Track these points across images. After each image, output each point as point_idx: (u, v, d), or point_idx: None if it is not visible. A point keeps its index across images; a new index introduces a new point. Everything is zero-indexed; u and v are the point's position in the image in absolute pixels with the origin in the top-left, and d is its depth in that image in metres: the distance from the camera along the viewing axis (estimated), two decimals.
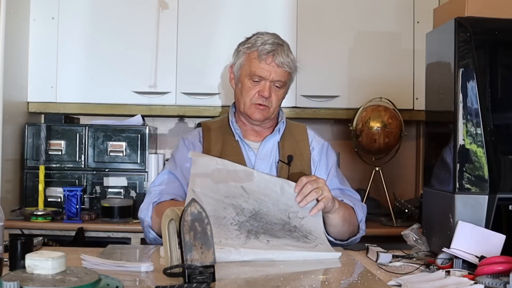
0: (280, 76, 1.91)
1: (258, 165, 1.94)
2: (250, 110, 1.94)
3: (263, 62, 1.89)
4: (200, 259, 1.25)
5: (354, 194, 2.01)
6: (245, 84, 1.94)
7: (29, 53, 2.93)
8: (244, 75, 1.94)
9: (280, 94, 1.95)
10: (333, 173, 2.00)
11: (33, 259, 1.11)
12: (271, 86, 1.91)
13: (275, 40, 1.92)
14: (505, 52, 1.63)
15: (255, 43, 1.92)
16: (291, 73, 1.95)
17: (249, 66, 1.92)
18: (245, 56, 1.94)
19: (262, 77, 1.90)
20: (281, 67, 1.90)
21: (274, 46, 1.90)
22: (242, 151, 1.95)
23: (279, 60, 1.89)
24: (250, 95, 1.92)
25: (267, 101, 1.92)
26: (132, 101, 2.94)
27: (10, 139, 2.76)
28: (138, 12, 2.93)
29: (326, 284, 1.33)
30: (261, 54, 1.89)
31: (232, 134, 1.98)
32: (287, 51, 1.92)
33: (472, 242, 1.49)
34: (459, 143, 1.55)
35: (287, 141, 1.99)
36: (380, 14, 2.97)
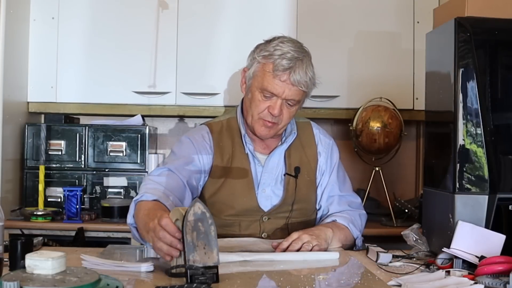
0: (294, 95, 1.77)
1: (264, 178, 1.88)
2: (257, 125, 1.82)
3: (278, 78, 1.74)
4: (202, 259, 1.25)
5: (355, 199, 1.99)
6: (255, 96, 1.80)
7: (29, 53, 2.93)
8: (256, 87, 1.79)
9: (293, 111, 1.81)
10: (333, 178, 1.96)
11: (33, 259, 1.11)
12: (283, 103, 1.77)
13: (294, 54, 1.75)
14: (505, 52, 1.63)
15: (273, 53, 1.76)
16: (307, 92, 1.81)
17: (262, 79, 1.77)
18: (259, 66, 1.78)
19: (274, 94, 1.76)
20: (297, 86, 1.75)
21: (292, 62, 1.73)
22: (250, 165, 1.87)
23: (295, 79, 1.73)
24: (259, 110, 1.79)
25: (277, 118, 1.79)
26: (132, 101, 2.94)
27: (10, 139, 2.76)
28: (138, 12, 2.93)
29: (326, 284, 1.33)
30: (277, 69, 1.73)
31: (242, 146, 1.88)
32: (306, 67, 1.76)
33: (472, 242, 1.49)
34: (459, 143, 1.55)
35: (293, 148, 1.92)
36: (380, 14, 2.97)
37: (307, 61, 1.78)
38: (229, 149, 1.88)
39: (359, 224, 1.91)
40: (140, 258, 1.66)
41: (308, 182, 1.93)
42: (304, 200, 1.91)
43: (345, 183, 2.01)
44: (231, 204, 1.86)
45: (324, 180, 1.96)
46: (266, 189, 1.88)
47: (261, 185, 1.88)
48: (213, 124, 1.95)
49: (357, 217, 1.91)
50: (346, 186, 2.00)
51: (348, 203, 1.95)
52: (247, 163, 1.88)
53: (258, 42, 1.91)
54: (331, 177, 1.96)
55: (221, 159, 1.87)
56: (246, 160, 1.88)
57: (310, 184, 1.93)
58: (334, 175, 1.97)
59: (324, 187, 1.96)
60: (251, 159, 1.88)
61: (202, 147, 1.87)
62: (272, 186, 1.88)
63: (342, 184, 1.99)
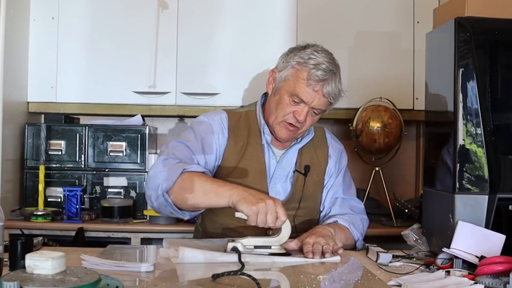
0: (322, 105, 1.81)
1: (278, 173, 1.90)
2: (279, 127, 1.85)
3: (311, 88, 1.78)
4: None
5: (358, 204, 2.00)
6: (283, 99, 1.82)
7: (29, 53, 2.93)
8: (286, 90, 1.81)
9: (315, 119, 1.87)
10: (339, 180, 1.98)
11: (33, 259, 1.10)
12: (309, 111, 1.81)
13: (329, 66, 1.79)
14: (505, 52, 1.63)
15: (307, 61, 1.79)
16: (333, 104, 1.85)
17: (294, 84, 1.79)
18: (293, 71, 1.81)
19: (303, 100, 1.79)
20: (327, 97, 1.80)
21: (327, 74, 1.77)
22: (264, 157, 1.89)
23: (327, 90, 1.78)
24: (285, 113, 1.82)
25: (300, 124, 1.83)
26: (132, 101, 2.94)
27: (10, 139, 2.76)
28: (138, 12, 2.93)
29: (326, 284, 1.33)
30: (311, 78, 1.77)
31: (259, 137, 1.90)
32: (338, 81, 1.82)
33: (472, 242, 1.49)
34: (459, 143, 1.55)
35: (306, 148, 1.95)
36: (380, 14, 2.97)
37: (338, 75, 1.84)
38: (244, 138, 1.90)
39: (361, 227, 1.92)
40: (140, 258, 1.67)
41: (317, 182, 1.94)
42: (310, 199, 1.92)
43: (350, 188, 2.02)
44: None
45: (330, 182, 1.98)
46: (277, 184, 1.90)
47: (273, 179, 1.90)
48: (232, 112, 1.98)
49: (358, 221, 1.92)
50: (351, 191, 2.02)
51: (350, 207, 1.96)
52: (262, 153, 1.90)
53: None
54: (337, 179, 1.98)
55: (234, 144, 1.89)
56: (261, 150, 1.90)
57: (318, 184, 1.95)
58: (340, 178, 1.99)
59: (329, 188, 1.97)
60: (266, 150, 1.90)
61: (219, 128, 1.89)
62: (282, 182, 1.90)
63: (347, 188, 2.00)
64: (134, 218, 2.77)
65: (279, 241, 1.58)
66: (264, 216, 1.52)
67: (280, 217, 1.54)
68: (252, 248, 1.57)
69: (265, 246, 1.58)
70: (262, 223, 1.53)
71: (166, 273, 1.42)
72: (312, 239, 1.65)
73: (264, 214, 1.52)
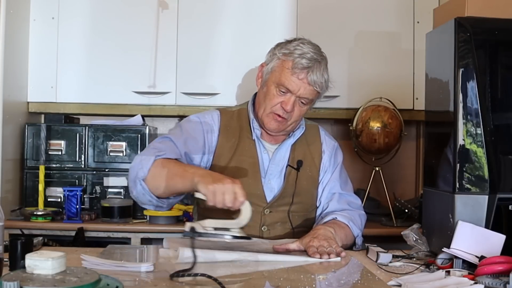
0: (308, 94, 1.82)
1: (271, 169, 1.91)
2: (267, 118, 1.86)
3: (295, 76, 1.80)
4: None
5: (355, 199, 2.01)
6: (270, 90, 1.85)
7: (29, 53, 2.93)
8: (272, 81, 1.84)
9: (303, 110, 1.87)
10: (336, 175, 1.99)
11: (33, 259, 1.10)
12: (296, 100, 1.83)
13: (313, 55, 1.81)
14: (505, 52, 1.63)
15: (293, 51, 1.82)
16: (321, 93, 1.86)
17: (279, 74, 1.82)
18: (279, 62, 1.84)
19: (289, 90, 1.81)
20: (312, 85, 1.81)
21: (311, 62, 1.80)
22: (257, 152, 1.91)
23: (312, 78, 1.80)
24: (272, 104, 1.84)
25: (288, 114, 1.84)
26: (132, 101, 2.94)
27: (10, 139, 2.76)
28: (138, 12, 2.93)
29: (326, 284, 1.33)
30: (296, 67, 1.79)
31: (249, 132, 1.92)
32: (323, 70, 1.83)
33: (472, 242, 1.49)
34: (459, 143, 1.55)
35: (299, 144, 1.96)
36: (380, 14, 2.97)
37: (324, 64, 1.85)
38: (236, 134, 1.92)
39: (359, 223, 1.92)
40: (140, 258, 1.67)
41: (309, 177, 1.95)
42: (304, 194, 1.93)
43: (347, 184, 2.03)
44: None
45: (326, 177, 1.98)
46: (272, 180, 1.91)
47: (267, 175, 1.90)
48: (225, 110, 2.00)
49: (356, 216, 1.92)
50: (348, 187, 2.02)
51: (347, 203, 1.96)
52: (254, 148, 1.91)
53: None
54: (333, 175, 1.99)
55: (226, 141, 1.90)
56: (253, 145, 1.91)
57: (311, 179, 1.95)
58: (337, 174, 2.00)
59: (326, 184, 1.98)
60: (258, 145, 1.92)
61: (208, 126, 1.91)
62: (277, 178, 1.91)
63: (344, 183, 2.01)
64: (134, 218, 2.77)
65: (238, 223, 1.54)
66: (222, 196, 1.51)
67: (238, 197, 1.52)
68: (212, 229, 1.53)
69: (224, 228, 1.54)
70: (220, 203, 1.52)
71: (166, 273, 1.42)
72: (315, 243, 1.65)
73: (221, 194, 1.51)
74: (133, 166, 1.74)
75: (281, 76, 1.82)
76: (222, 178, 1.55)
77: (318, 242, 1.65)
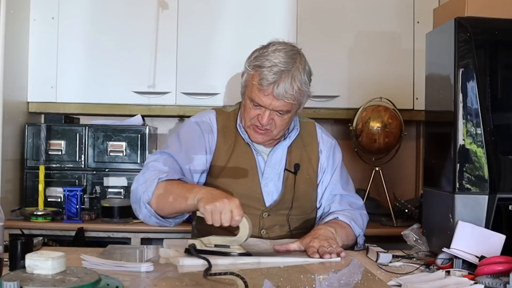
0: (281, 107, 1.77)
1: (268, 172, 1.89)
2: (249, 130, 1.86)
3: (262, 92, 1.75)
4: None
5: (357, 200, 2.00)
6: (246, 104, 1.83)
7: (29, 53, 2.93)
8: (246, 95, 1.83)
9: (285, 119, 1.82)
10: (336, 176, 1.97)
11: (33, 259, 1.11)
12: (272, 113, 1.79)
13: (281, 68, 1.73)
14: (505, 52, 1.63)
15: (262, 64, 1.75)
16: (296, 102, 1.79)
17: (250, 89, 1.79)
18: (249, 76, 1.80)
19: (260, 105, 1.78)
20: (282, 99, 1.75)
21: (277, 75, 1.73)
22: (254, 154, 1.90)
23: (278, 93, 1.73)
24: (250, 117, 1.82)
25: (269, 126, 1.81)
26: (132, 101, 2.94)
27: (10, 139, 2.76)
28: (138, 12, 2.93)
29: (326, 284, 1.33)
30: (261, 83, 1.74)
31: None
32: (292, 80, 1.74)
33: (472, 242, 1.49)
34: (459, 143, 1.55)
35: (295, 146, 1.93)
36: (380, 14, 2.97)
37: (294, 72, 1.76)
38: (232, 136, 1.91)
39: (361, 223, 1.91)
40: (140, 258, 1.67)
41: (307, 180, 1.93)
42: (303, 198, 1.92)
43: (348, 183, 2.01)
44: (235, 189, 1.85)
45: (326, 178, 1.96)
46: (269, 183, 1.89)
47: (264, 178, 1.89)
48: (221, 110, 1.99)
49: (358, 216, 1.91)
50: (349, 187, 2.01)
51: (349, 203, 1.95)
52: (250, 150, 1.90)
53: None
54: (333, 176, 1.97)
55: (223, 143, 1.89)
56: (249, 149, 1.90)
57: (310, 182, 1.94)
58: (337, 174, 1.98)
59: (326, 185, 1.96)
60: (252, 148, 1.90)
61: (207, 126, 1.91)
62: (275, 181, 1.90)
63: (345, 184, 1.99)
64: (134, 218, 2.76)
65: (237, 240, 1.56)
66: (218, 215, 1.51)
67: (234, 216, 1.51)
68: (213, 246, 1.57)
69: (224, 245, 1.57)
70: (216, 222, 1.52)
71: (166, 273, 1.42)
72: (316, 243, 1.65)
73: (218, 213, 1.51)
74: (135, 188, 1.74)
75: (251, 91, 1.79)
76: (220, 197, 1.54)
77: (319, 242, 1.65)
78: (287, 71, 1.75)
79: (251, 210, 1.86)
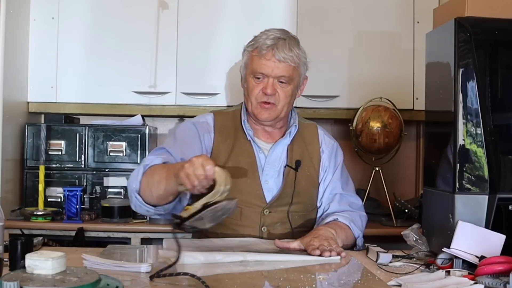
0: (283, 71, 1.84)
1: (267, 169, 1.91)
2: (257, 110, 1.88)
3: (263, 58, 1.84)
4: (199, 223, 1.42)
5: (356, 200, 2.00)
6: (249, 82, 1.89)
7: (29, 53, 2.93)
8: (248, 74, 1.89)
9: (288, 90, 1.87)
10: (337, 175, 1.99)
11: (33, 259, 1.11)
12: (275, 82, 1.85)
13: (277, 35, 1.85)
14: (505, 52, 1.63)
15: (258, 39, 1.87)
16: (297, 67, 1.87)
17: (251, 63, 1.87)
18: (248, 54, 1.90)
19: (264, 74, 1.85)
20: (283, 62, 1.83)
21: (274, 40, 1.84)
22: (254, 152, 1.92)
23: (279, 55, 1.82)
24: (255, 93, 1.87)
25: (273, 98, 1.86)
26: (132, 101, 2.94)
27: (10, 139, 2.76)
28: (138, 12, 2.93)
29: (326, 284, 1.33)
30: (261, 50, 1.84)
31: (244, 133, 1.94)
32: (289, 45, 1.85)
33: (472, 242, 1.49)
34: (459, 143, 1.55)
35: (296, 144, 1.96)
36: (380, 14, 2.97)
37: (290, 41, 1.86)
38: (231, 134, 1.93)
39: (360, 224, 1.92)
40: (140, 258, 1.67)
41: (308, 177, 1.94)
42: (303, 194, 1.92)
43: (348, 183, 2.03)
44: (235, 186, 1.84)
45: (327, 177, 1.98)
46: (269, 180, 1.91)
47: (264, 175, 1.90)
48: (219, 112, 2.02)
49: (357, 218, 1.92)
50: (349, 187, 2.02)
51: (348, 204, 1.96)
52: (250, 148, 1.92)
53: None
54: (334, 175, 1.99)
55: (222, 142, 1.91)
56: (249, 146, 1.92)
57: (310, 179, 1.95)
58: (338, 174, 1.99)
59: (327, 184, 1.98)
60: (253, 146, 1.92)
61: (203, 128, 1.92)
62: (275, 178, 1.91)
63: (345, 184, 2.01)
64: (134, 218, 2.77)
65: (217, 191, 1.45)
66: (194, 176, 1.45)
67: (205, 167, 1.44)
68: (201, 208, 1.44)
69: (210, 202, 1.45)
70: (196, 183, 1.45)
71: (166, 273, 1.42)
72: (316, 242, 1.65)
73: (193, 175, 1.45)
74: (129, 183, 1.75)
75: (252, 64, 1.87)
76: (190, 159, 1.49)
77: (319, 241, 1.65)
78: (283, 39, 1.85)
79: (252, 207, 1.87)
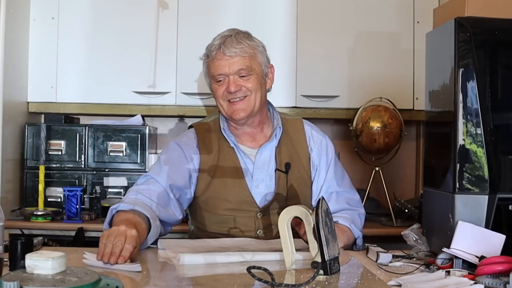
0: (239, 65, 1.83)
1: (257, 174, 1.89)
2: (230, 111, 1.87)
3: (216, 59, 1.84)
4: (332, 251, 1.39)
5: (354, 195, 1.99)
6: (213, 88, 1.89)
7: (29, 53, 2.93)
8: (211, 81, 1.89)
9: (253, 80, 1.85)
10: (330, 173, 1.96)
11: (33, 259, 1.11)
12: (236, 78, 1.84)
13: (224, 34, 1.87)
14: (505, 52, 1.63)
15: (207, 47, 1.89)
16: (253, 56, 1.86)
17: (209, 70, 1.88)
18: (205, 63, 1.90)
19: (222, 74, 1.84)
20: (236, 55, 1.83)
21: (221, 39, 1.84)
22: (238, 158, 1.90)
23: (229, 51, 1.82)
24: (220, 95, 1.86)
25: (240, 93, 1.84)
26: (132, 101, 2.94)
27: (10, 139, 2.76)
28: (138, 12, 2.93)
29: (326, 284, 1.33)
30: (211, 52, 1.85)
31: (226, 141, 1.92)
32: (237, 39, 1.84)
33: (472, 242, 1.49)
34: (459, 143, 1.55)
35: (284, 145, 1.93)
36: (380, 14, 2.97)
37: (237, 35, 1.86)
38: (215, 146, 1.92)
39: (359, 223, 1.92)
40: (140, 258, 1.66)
41: (299, 179, 1.92)
42: (297, 196, 1.91)
43: (343, 178, 2.00)
44: (225, 197, 1.87)
45: (321, 177, 1.95)
46: (260, 185, 1.89)
47: (254, 180, 1.89)
48: (200, 124, 2.00)
49: (356, 217, 1.92)
50: (345, 182, 2.00)
51: (346, 201, 1.95)
52: (235, 155, 1.90)
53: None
54: (328, 173, 1.96)
55: (207, 155, 1.90)
56: (233, 153, 1.91)
57: (302, 180, 1.93)
58: (331, 171, 1.96)
59: (322, 184, 1.95)
60: (237, 152, 1.91)
61: (188, 147, 1.92)
62: (267, 182, 1.90)
63: (340, 179, 1.98)
64: None
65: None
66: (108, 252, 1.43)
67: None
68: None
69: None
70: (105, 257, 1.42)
71: (166, 273, 1.42)
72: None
73: (108, 252, 1.43)
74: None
75: (210, 70, 1.87)
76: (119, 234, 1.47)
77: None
78: (229, 36, 1.86)
79: (244, 213, 1.87)
